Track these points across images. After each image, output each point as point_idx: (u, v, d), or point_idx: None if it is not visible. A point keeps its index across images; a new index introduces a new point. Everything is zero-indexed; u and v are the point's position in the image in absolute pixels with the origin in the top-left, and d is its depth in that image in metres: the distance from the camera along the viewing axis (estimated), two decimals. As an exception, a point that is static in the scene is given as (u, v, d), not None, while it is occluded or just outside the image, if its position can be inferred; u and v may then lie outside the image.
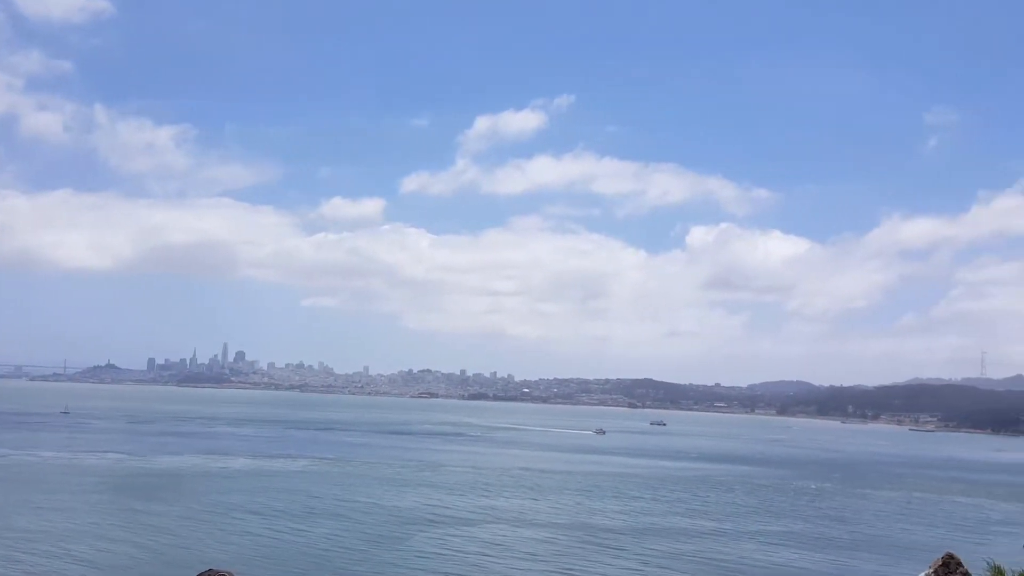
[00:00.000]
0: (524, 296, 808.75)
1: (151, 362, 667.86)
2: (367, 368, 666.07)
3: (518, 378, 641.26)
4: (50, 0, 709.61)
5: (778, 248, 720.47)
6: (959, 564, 12.28)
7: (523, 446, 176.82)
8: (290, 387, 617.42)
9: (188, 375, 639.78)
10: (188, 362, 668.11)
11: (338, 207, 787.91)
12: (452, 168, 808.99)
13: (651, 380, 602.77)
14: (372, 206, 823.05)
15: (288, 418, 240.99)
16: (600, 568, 57.46)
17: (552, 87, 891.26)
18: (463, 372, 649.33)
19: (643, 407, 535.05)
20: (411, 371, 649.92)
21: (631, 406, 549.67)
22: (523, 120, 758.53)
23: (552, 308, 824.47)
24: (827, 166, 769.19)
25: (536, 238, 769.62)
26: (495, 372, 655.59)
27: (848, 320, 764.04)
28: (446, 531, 68.55)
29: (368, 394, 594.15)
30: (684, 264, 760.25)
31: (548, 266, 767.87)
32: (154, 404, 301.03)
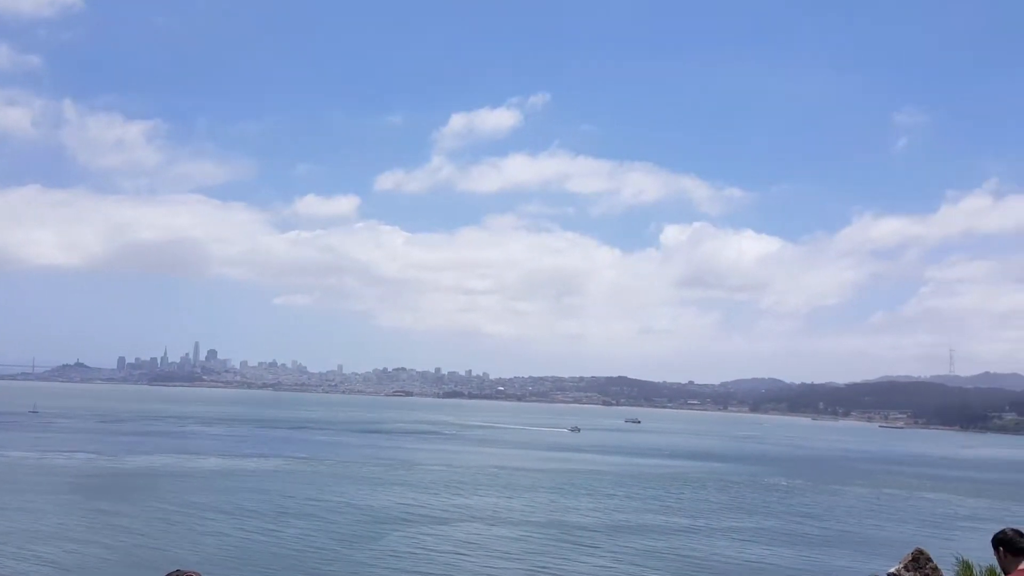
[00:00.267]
0: (499, 294, 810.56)
1: (121, 361, 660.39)
2: (341, 367, 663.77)
3: (493, 376, 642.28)
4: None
5: (751, 247, 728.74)
6: (928, 559, 12.41)
7: (498, 444, 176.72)
8: (263, 386, 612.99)
9: (159, 374, 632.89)
10: (159, 361, 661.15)
11: (312, 204, 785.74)
12: (427, 166, 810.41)
13: (625, 378, 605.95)
14: (346, 203, 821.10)
15: (260, 417, 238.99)
16: (574, 565, 57.51)
17: (527, 85, 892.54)
18: (438, 370, 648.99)
19: (617, 405, 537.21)
20: (385, 369, 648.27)
21: (606, 404, 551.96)
22: (498, 118, 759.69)
23: (527, 306, 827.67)
24: (799, 166, 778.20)
25: (511, 236, 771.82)
26: (470, 370, 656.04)
27: (820, 318, 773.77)
28: (420, 530, 68.29)
29: (342, 393, 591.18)
30: (658, 263, 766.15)
31: (523, 264, 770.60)
32: (124, 403, 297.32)
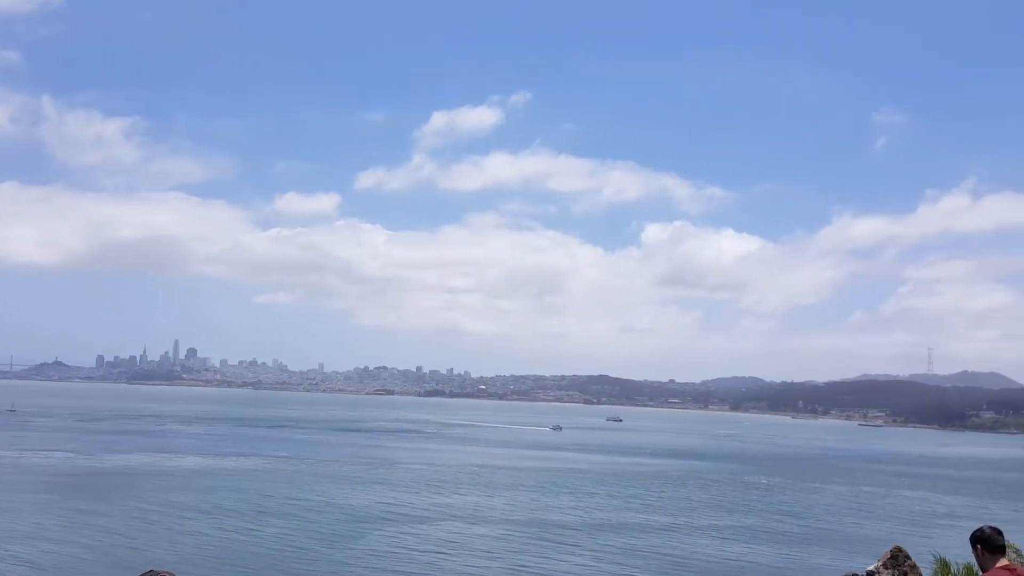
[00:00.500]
0: (481, 293, 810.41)
1: (100, 359, 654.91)
2: (322, 365, 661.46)
3: (475, 375, 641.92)
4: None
5: (731, 246, 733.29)
6: (907, 557, 12.43)
7: (479, 443, 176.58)
8: (243, 385, 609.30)
9: (138, 373, 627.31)
10: (138, 359, 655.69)
11: (292, 202, 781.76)
12: (408, 164, 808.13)
13: (607, 376, 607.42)
14: (327, 201, 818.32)
15: (240, 416, 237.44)
16: (555, 564, 57.51)
17: (509, 84, 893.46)
18: (419, 369, 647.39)
19: (599, 403, 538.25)
20: (366, 368, 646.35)
21: (587, 402, 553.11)
22: (480, 116, 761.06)
23: (509, 305, 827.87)
24: (779, 165, 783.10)
25: (493, 235, 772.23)
26: (452, 369, 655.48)
27: (799, 317, 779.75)
28: (400, 529, 68.06)
29: (323, 391, 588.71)
30: (639, 261, 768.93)
31: (505, 263, 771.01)
32: (103, 402, 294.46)
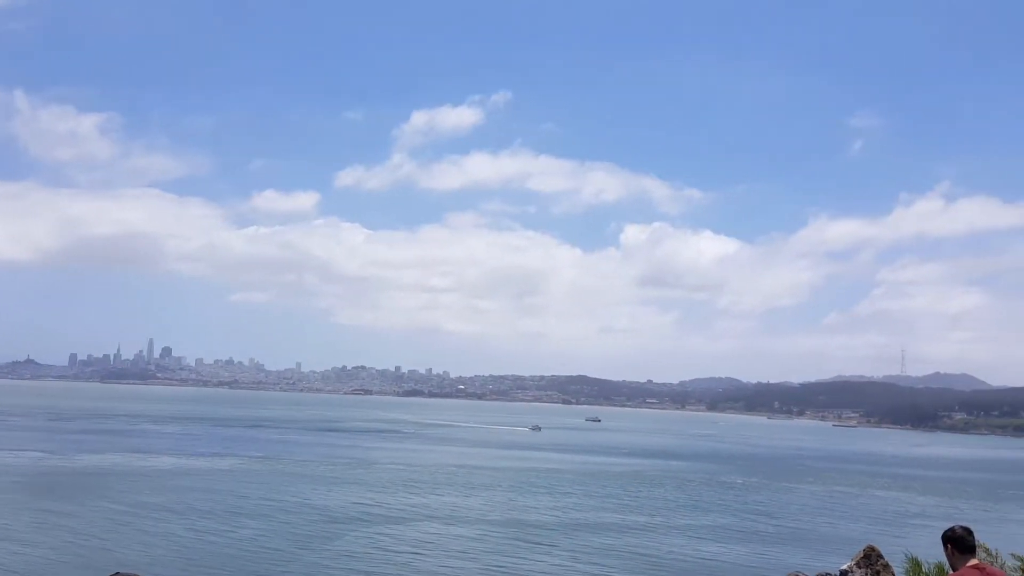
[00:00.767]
0: (460, 292, 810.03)
1: (73, 358, 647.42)
2: (299, 364, 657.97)
3: (453, 375, 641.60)
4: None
5: (709, 247, 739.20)
6: (879, 556, 12.45)
7: (457, 443, 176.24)
8: (219, 384, 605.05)
9: (112, 371, 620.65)
10: (112, 358, 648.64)
11: (270, 200, 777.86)
12: (388, 163, 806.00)
13: (585, 377, 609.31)
14: (306, 199, 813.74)
15: (216, 416, 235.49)
16: (531, 564, 57.43)
17: (489, 84, 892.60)
18: (398, 369, 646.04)
19: (577, 404, 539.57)
20: (344, 367, 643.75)
21: (565, 402, 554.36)
22: (460, 116, 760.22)
23: (488, 305, 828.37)
24: (757, 168, 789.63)
25: (472, 234, 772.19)
26: (430, 368, 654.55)
27: (776, 318, 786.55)
28: (376, 530, 67.67)
29: (300, 391, 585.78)
30: (618, 262, 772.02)
31: (484, 263, 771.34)
32: (76, 401, 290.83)
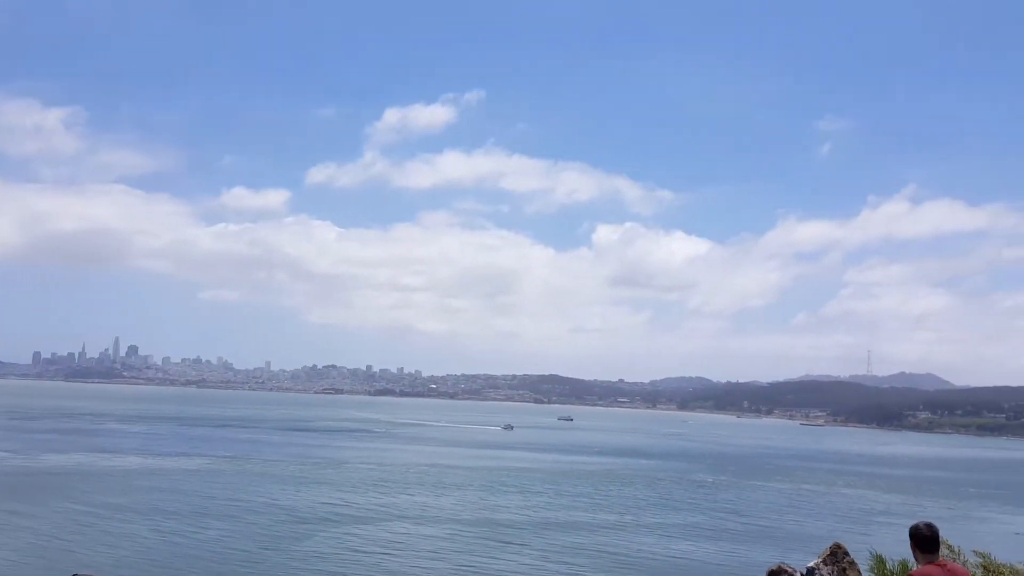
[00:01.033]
0: (432, 292, 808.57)
1: (37, 356, 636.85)
2: (268, 363, 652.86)
3: (425, 374, 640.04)
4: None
5: (681, 248, 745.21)
6: (846, 553, 12.49)
7: (429, 442, 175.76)
8: (186, 383, 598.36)
9: (76, 370, 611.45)
10: (76, 356, 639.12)
11: (240, 197, 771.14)
12: (360, 160, 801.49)
13: (557, 376, 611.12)
14: (276, 197, 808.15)
15: (183, 415, 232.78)
16: (502, 564, 57.35)
17: (462, 82, 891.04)
18: (369, 368, 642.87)
19: (549, 403, 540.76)
20: (315, 366, 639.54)
21: (537, 402, 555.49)
22: (432, 114, 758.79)
23: (461, 304, 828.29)
24: (728, 169, 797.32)
25: (445, 233, 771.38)
26: (402, 368, 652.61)
27: (745, 318, 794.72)
28: (346, 530, 67.20)
29: (269, 390, 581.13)
30: (590, 262, 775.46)
31: (457, 262, 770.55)
32: (39, 400, 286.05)
